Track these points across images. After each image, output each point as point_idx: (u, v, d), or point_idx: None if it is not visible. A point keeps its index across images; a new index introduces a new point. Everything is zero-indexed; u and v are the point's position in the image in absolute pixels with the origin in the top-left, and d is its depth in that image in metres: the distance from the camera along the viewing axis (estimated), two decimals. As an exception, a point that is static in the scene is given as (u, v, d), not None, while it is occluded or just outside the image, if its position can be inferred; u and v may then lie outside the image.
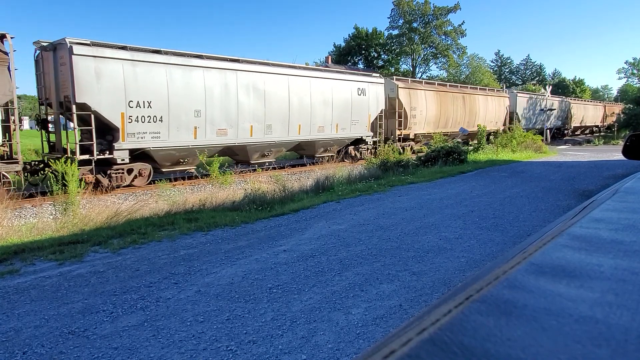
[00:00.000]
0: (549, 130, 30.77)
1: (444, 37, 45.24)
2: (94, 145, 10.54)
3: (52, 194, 8.85)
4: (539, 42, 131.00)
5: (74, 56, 9.98)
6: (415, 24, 44.99)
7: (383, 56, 48.90)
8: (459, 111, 23.32)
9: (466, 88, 25.13)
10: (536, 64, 71.90)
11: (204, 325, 3.38)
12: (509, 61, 70.83)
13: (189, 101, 12.02)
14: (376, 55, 49.02)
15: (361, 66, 46.64)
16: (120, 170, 11.22)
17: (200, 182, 12.23)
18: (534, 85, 58.30)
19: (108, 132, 11.03)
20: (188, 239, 6.01)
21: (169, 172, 12.57)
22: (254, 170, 14.43)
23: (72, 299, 3.96)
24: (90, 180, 10.52)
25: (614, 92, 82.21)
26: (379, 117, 18.78)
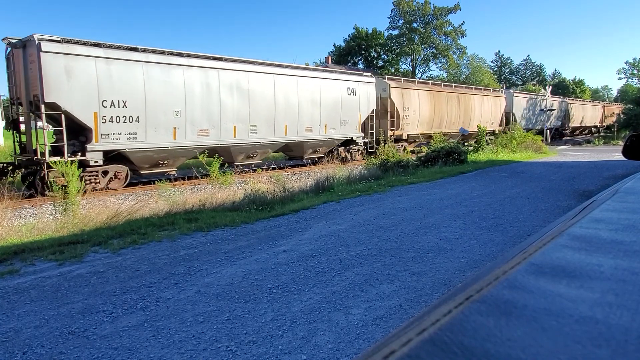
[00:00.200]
0: (549, 131, 30.77)
1: (444, 37, 45.32)
2: (64, 147, 10.07)
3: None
4: (539, 42, 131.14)
5: (42, 53, 9.52)
6: (415, 24, 45.05)
7: (383, 56, 48.96)
8: (454, 111, 22.99)
9: (461, 88, 24.77)
10: (536, 64, 72.06)
11: (204, 326, 3.37)
12: (509, 61, 70.93)
13: (167, 101, 11.59)
14: (376, 56, 49.07)
15: (361, 66, 46.68)
16: (95, 173, 10.73)
17: (200, 183, 12.21)
18: (534, 85, 58.31)
19: (81, 133, 10.61)
20: (188, 239, 6.01)
21: (148, 174, 12.12)
22: (254, 170, 14.41)
23: (72, 299, 3.95)
24: (61, 183, 10.12)
25: (614, 93, 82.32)
26: (370, 117, 18.35)
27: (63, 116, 9.99)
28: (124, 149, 10.93)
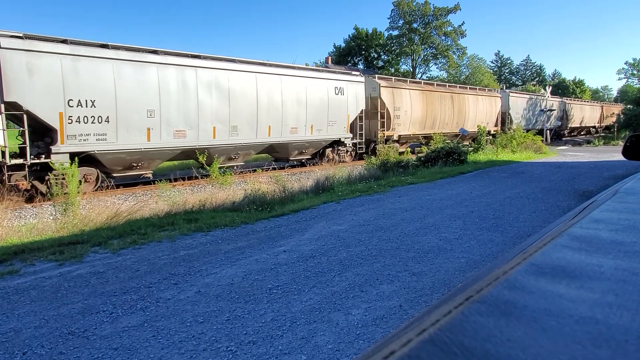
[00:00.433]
0: (549, 131, 30.77)
1: (444, 37, 45.37)
2: (27, 149, 9.53)
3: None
4: (539, 42, 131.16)
5: (2, 50, 9.06)
6: (415, 25, 45.10)
7: (383, 57, 49.01)
8: (447, 111, 22.47)
9: (455, 87, 24.31)
10: (536, 64, 72.08)
11: (204, 326, 3.37)
12: (509, 62, 70.97)
13: (140, 100, 11.07)
14: (376, 56, 49.11)
15: (361, 67, 46.71)
16: (62, 176, 10.06)
17: (200, 183, 12.22)
18: (534, 85, 58.33)
19: (47, 134, 10.13)
20: (188, 240, 6.01)
21: (122, 177, 11.66)
22: (254, 171, 14.41)
23: (72, 299, 3.95)
24: (24, 187, 9.51)
25: (614, 93, 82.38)
26: (359, 117, 17.92)
27: (25, 116, 9.50)
28: (93, 150, 10.42)
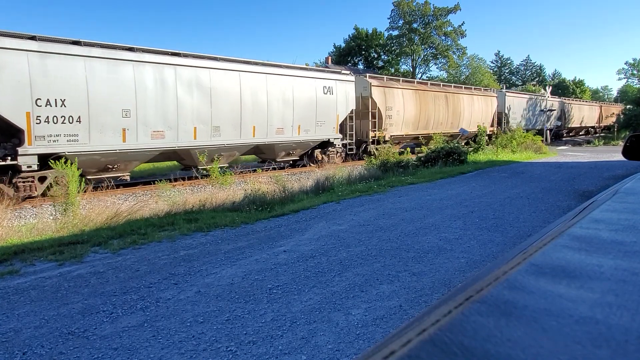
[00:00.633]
0: (549, 131, 30.76)
1: (444, 37, 45.36)
2: None
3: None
4: (539, 42, 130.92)
5: None
6: (415, 25, 45.09)
7: (383, 57, 48.99)
8: (441, 112, 22.02)
9: (449, 87, 23.88)
10: (536, 64, 72.01)
11: (204, 326, 3.37)
12: (509, 62, 70.93)
13: (115, 100, 10.62)
14: (376, 56, 49.10)
15: (361, 67, 46.71)
16: (30, 179, 9.73)
17: (200, 183, 12.22)
18: (534, 85, 58.32)
19: (14, 135, 9.63)
20: (188, 240, 6.01)
21: (97, 179, 11.05)
22: (254, 170, 14.41)
23: (72, 299, 3.95)
24: None
25: (614, 93, 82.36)
26: (349, 117, 17.49)
27: None
28: (64, 152, 9.85)
